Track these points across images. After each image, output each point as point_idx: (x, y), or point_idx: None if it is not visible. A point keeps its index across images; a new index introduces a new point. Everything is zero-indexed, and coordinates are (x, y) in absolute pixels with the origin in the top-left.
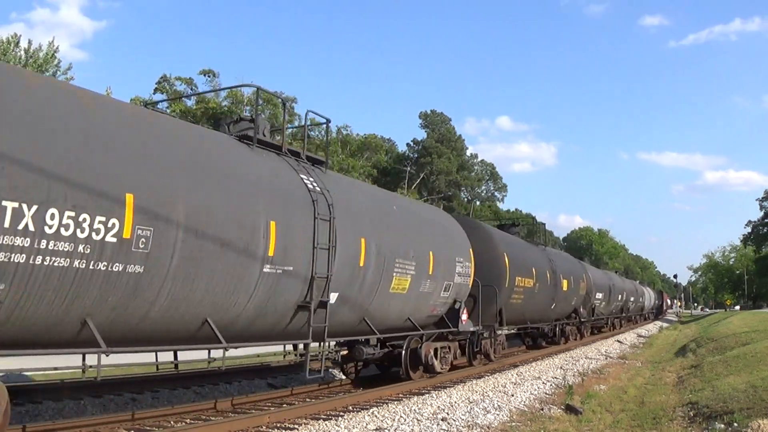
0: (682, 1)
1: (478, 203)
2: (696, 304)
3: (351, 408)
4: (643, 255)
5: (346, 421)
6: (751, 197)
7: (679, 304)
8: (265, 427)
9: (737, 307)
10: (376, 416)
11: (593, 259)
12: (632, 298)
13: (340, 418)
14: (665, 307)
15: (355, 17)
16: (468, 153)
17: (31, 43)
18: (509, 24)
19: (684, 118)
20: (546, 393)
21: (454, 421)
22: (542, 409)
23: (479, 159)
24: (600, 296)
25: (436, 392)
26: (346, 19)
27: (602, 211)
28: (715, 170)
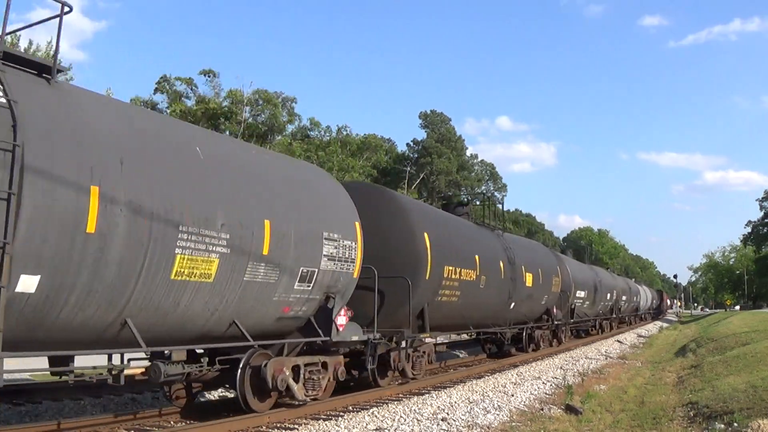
0: (682, 2)
1: (478, 203)
2: (696, 304)
3: (351, 408)
4: (643, 255)
5: (346, 421)
6: (751, 197)
7: (679, 304)
8: (265, 427)
9: (737, 307)
10: (376, 416)
11: (593, 260)
12: (624, 297)
13: (340, 418)
14: (665, 307)
15: (355, 17)
16: (468, 153)
17: (31, 43)
18: (509, 24)
19: (684, 118)
20: (546, 393)
21: (454, 421)
22: (542, 409)
23: (479, 159)
24: (582, 295)
25: (437, 392)
26: (346, 19)
27: (602, 211)
28: (715, 170)
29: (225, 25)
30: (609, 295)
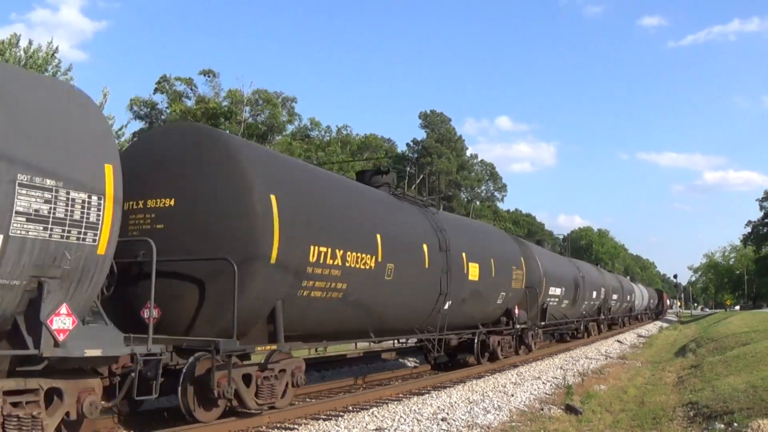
0: (681, 2)
1: (478, 203)
2: (696, 304)
3: (351, 408)
4: (643, 255)
5: (346, 421)
6: (751, 197)
7: (679, 304)
8: (265, 427)
9: (737, 307)
10: (376, 416)
11: (593, 260)
12: (615, 296)
13: (340, 418)
14: (665, 308)
15: (355, 17)
16: (468, 153)
17: (31, 43)
18: (509, 24)
19: (684, 118)
20: (546, 393)
21: (454, 421)
22: (542, 409)
23: (479, 159)
24: (558, 292)
25: (436, 392)
26: (346, 19)
27: (602, 211)
28: (715, 170)
29: (225, 25)
30: (595, 293)
